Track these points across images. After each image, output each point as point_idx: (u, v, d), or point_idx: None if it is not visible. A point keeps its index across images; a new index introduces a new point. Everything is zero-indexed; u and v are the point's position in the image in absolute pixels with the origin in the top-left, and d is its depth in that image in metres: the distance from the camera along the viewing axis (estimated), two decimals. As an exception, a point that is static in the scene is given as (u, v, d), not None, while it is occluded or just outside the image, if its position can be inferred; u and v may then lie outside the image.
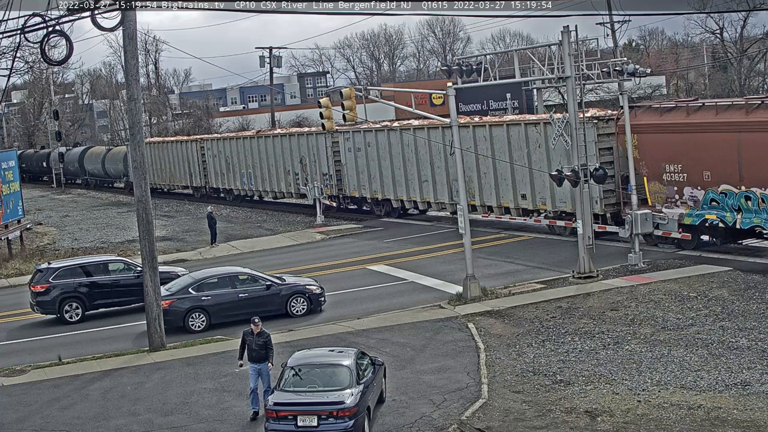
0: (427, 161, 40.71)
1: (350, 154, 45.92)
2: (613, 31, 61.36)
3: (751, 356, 19.83)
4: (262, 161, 53.26)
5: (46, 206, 67.74)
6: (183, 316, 26.06)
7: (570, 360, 20.64)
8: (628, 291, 26.11)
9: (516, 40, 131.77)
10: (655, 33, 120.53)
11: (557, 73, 28.50)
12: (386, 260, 34.63)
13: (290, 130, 55.62)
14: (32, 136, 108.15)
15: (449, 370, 20.51)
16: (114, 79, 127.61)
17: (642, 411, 17.23)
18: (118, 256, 32.95)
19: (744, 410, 16.89)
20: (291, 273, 31.00)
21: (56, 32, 18.48)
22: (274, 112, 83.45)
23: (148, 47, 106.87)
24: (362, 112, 35.98)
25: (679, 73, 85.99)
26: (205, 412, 19.04)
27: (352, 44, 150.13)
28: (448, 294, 27.73)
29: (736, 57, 70.88)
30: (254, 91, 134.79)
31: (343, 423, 16.19)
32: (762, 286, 25.42)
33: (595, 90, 58.84)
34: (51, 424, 19.12)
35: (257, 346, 18.74)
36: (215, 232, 42.28)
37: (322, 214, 46.63)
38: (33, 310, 29.05)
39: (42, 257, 39.41)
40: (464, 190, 27.98)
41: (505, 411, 17.78)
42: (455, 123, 27.59)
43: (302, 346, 21.58)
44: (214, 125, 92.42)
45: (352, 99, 28.61)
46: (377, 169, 44.15)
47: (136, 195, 24.66)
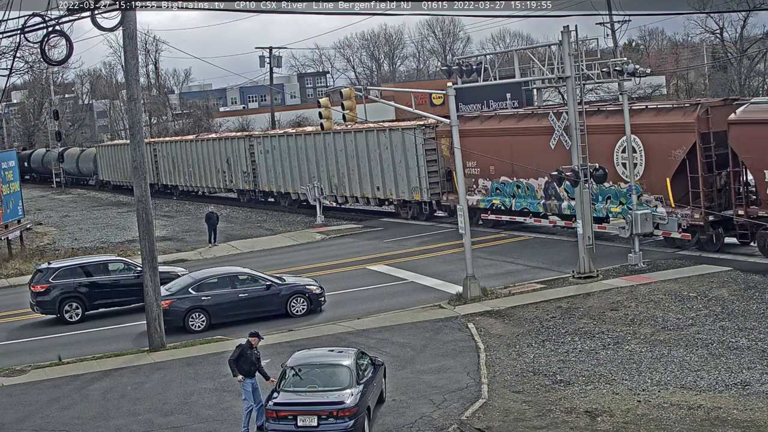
0: (314, 161, 48.81)
1: (262, 155, 54.05)
2: (613, 31, 61.39)
3: (751, 356, 19.84)
4: (199, 162, 61.71)
5: (46, 206, 67.79)
6: (183, 316, 26.06)
7: (570, 360, 20.65)
8: (628, 291, 26.11)
9: (516, 40, 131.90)
10: (655, 33, 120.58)
11: (557, 73, 28.50)
12: (386, 260, 34.64)
13: (221, 134, 65.63)
14: (32, 136, 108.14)
15: (449, 370, 20.51)
16: (114, 79, 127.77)
17: (642, 411, 17.24)
18: (118, 256, 32.96)
19: (744, 410, 16.89)
20: (291, 273, 31.01)
21: (56, 32, 18.44)
22: (273, 112, 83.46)
23: (148, 47, 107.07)
24: (362, 112, 38.98)
25: (679, 73, 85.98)
26: (205, 412, 19.05)
27: (352, 44, 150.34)
28: (448, 294, 27.73)
29: (736, 57, 70.87)
30: (254, 91, 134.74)
31: (343, 423, 16.18)
32: (762, 286, 25.42)
33: (595, 90, 58.84)
34: (51, 424, 19.12)
35: (256, 359, 18.05)
36: (216, 231, 42.35)
37: (322, 215, 46.74)
38: (33, 310, 29.06)
39: (42, 257, 39.43)
40: (464, 190, 27.97)
41: (505, 411, 17.79)
42: (455, 123, 27.58)
43: (302, 346, 21.58)
44: (214, 125, 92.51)
45: (352, 99, 28.62)
46: (281, 168, 52.11)
47: (136, 195, 24.66)
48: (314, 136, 48.34)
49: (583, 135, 28.47)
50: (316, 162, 48.59)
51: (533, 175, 35.48)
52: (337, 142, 46.42)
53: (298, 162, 50.02)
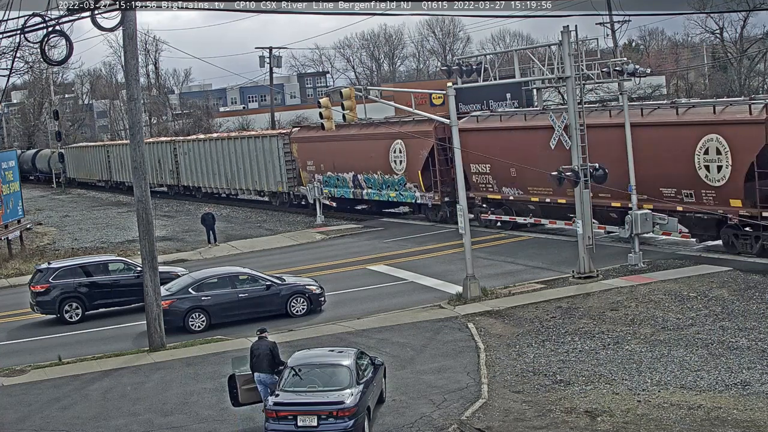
0: (216, 162, 58.55)
1: (182, 156, 63.72)
2: (613, 31, 61.36)
3: (751, 356, 19.83)
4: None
5: (46, 206, 67.79)
6: (183, 316, 26.06)
7: (570, 360, 20.65)
8: (628, 291, 26.11)
9: (516, 40, 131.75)
10: (655, 33, 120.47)
11: (557, 73, 28.50)
12: (386, 260, 34.64)
13: (159, 139, 74.80)
14: (32, 136, 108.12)
15: (449, 370, 20.51)
16: (114, 79, 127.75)
17: (642, 411, 17.23)
18: (118, 256, 32.95)
19: (744, 410, 16.89)
20: (291, 273, 31.01)
21: (56, 32, 18.42)
22: (273, 112, 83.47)
23: (148, 47, 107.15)
24: (362, 112, 40.13)
25: (679, 73, 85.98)
26: (205, 412, 19.04)
27: (352, 44, 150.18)
28: (448, 294, 27.73)
29: (736, 57, 70.86)
30: (254, 91, 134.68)
31: (343, 423, 16.18)
32: (762, 286, 25.42)
33: (595, 90, 58.80)
34: (51, 424, 19.12)
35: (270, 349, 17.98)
36: (214, 231, 42.35)
37: (322, 214, 46.78)
38: (33, 310, 29.05)
39: (42, 257, 39.42)
40: (464, 190, 27.97)
41: (505, 411, 17.78)
42: (455, 123, 27.59)
43: (302, 346, 21.56)
44: (214, 125, 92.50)
45: (352, 99, 28.62)
46: (196, 167, 61.71)
47: (136, 195, 24.65)
48: (216, 141, 59.28)
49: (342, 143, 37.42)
50: (217, 162, 58.45)
51: (346, 170, 47.03)
52: (230, 147, 56.64)
53: (207, 162, 60.08)
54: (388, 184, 43.84)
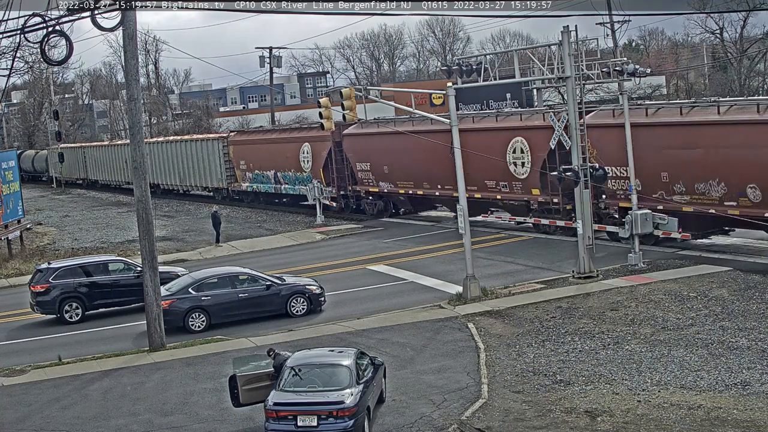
0: (171, 161, 64.50)
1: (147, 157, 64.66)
2: (613, 31, 61.38)
3: (751, 356, 19.83)
4: (112, 162, 77.64)
5: (45, 206, 67.81)
6: (183, 316, 26.06)
7: (570, 360, 20.65)
8: (628, 291, 26.11)
9: (516, 40, 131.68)
10: (655, 33, 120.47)
11: (557, 73, 28.50)
12: (386, 260, 34.65)
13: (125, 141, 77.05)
14: (32, 136, 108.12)
15: (449, 370, 20.51)
16: (114, 79, 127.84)
17: (642, 411, 17.23)
18: (118, 256, 32.95)
19: (744, 410, 16.89)
20: (291, 273, 31.01)
21: (56, 32, 18.40)
22: (273, 112, 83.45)
23: (148, 47, 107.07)
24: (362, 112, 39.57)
25: (679, 73, 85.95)
26: (205, 412, 19.04)
27: (352, 44, 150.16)
28: (448, 294, 27.74)
29: (736, 57, 70.86)
30: (254, 91, 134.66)
31: (343, 423, 16.18)
32: (762, 286, 25.43)
33: (595, 90, 58.81)
34: (51, 424, 19.12)
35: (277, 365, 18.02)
36: (219, 231, 42.41)
37: (322, 214, 46.81)
38: (33, 310, 29.05)
39: (42, 257, 39.42)
40: (463, 190, 27.96)
41: (505, 411, 17.78)
42: (455, 123, 27.58)
43: (302, 346, 21.57)
44: (214, 125, 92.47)
45: (352, 99, 28.63)
46: (157, 167, 65.91)
47: (136, 195, 24.67)
48: (170, 144, 65.86)
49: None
50: (172, 162, 64.63)
51: (269, 169, 53.72)
52: (181, 148, 63.36)
53: (165, 162, 65.92)
54: (299, 180, 50.72)
